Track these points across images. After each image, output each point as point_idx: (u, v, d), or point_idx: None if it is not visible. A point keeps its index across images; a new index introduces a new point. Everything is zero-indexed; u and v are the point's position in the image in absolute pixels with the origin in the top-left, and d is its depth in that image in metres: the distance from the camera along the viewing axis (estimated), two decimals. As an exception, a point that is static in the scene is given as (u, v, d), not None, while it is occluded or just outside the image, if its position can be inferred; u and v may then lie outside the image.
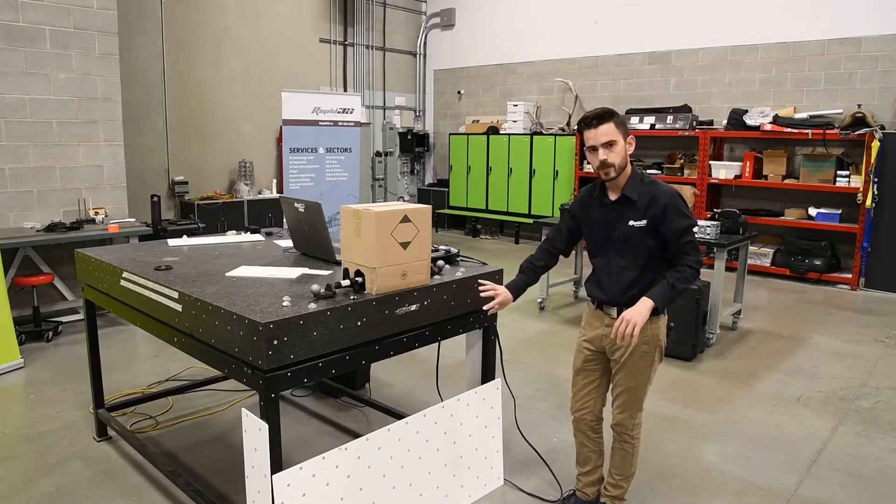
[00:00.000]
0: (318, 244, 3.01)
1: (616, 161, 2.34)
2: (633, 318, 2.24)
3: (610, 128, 2.32)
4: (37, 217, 5.36)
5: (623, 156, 2.35)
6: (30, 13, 5.14)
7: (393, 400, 3.88)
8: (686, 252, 2.34)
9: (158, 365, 4.52)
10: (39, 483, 2.99)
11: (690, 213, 2.39)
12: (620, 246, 2.44)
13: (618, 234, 2.43)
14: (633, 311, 2.27)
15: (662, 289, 2.32)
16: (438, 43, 11.01)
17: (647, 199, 2.36)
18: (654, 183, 2.41)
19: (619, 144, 2.34)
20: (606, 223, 2.46)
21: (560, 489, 2.96)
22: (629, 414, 2.53)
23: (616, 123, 2.34)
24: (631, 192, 2.39)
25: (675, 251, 2.37)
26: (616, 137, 2.33)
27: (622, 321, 2.26)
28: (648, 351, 2.45)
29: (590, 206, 2.53)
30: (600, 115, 2.34)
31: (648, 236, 2.38)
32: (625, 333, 2.24)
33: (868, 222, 6.64)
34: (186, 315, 2.38)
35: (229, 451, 3.33)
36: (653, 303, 2.28)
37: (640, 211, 2.37)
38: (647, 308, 2.28)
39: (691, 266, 2.34)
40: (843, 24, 7.01)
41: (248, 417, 2.15)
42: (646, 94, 8.64)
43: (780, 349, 4.95)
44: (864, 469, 3.19)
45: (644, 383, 2.50)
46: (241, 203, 8.00)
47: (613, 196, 2.45)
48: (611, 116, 2.34)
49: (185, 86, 7.84)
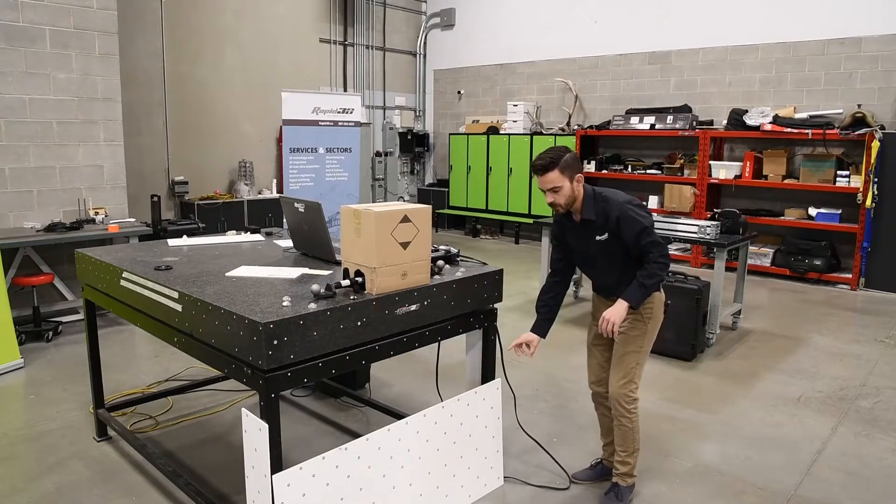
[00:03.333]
0: (318, 244, 3.01)
1: (562, 201, 2.63)
2: (612, 318, 2.60)
3: (555, 175, 2.57)
4: (37, 217, 5.36)
5: (569, 195, 2.61)
6: (30, 13, 5.14)
7: (393, 400, 3.88)
8: (649, 250, 2.59)
9: (158, 365, 4.52)
10: (39, 483, 2.99)
11: (643, 213, 2.63)
12: (598, 257, 2.74)
13: (592, 248, 2.72)
14: (611, 311, 2.61)
15: (633, 288, 2.62)
16: (438, 43, 11.01)
17: (603, 215, 2.63)
18: (605, 199, 2.65)
19: (565, 188, 2.60)
20: (580, 241, 2.76)
21: (568, 478, 2.99)
22: (622, 383, 2.72)
23: (561, 169, 2.56)
24: (588, 214, 2.66)
25: (639, 252, 2.63)
26: (560, 183, 2.58)
27: (603, 320, 2.61)
28: (640, 321, 2.72)
29: (565, 228, 2.80)
30: (545, 165, 2.57)
31: (615, 245, 2.66)
32: (606, 330, 2.60)
33: (868, 222, 6.64)
34: (186, 315, 2.38)
35: (229, 451, 3.33)
36: (626, 303, 2.61)
37: (600, 227, 2.65)
38: (624, 307, 2.60)
39: (656, 261, 2.60)
40: (843, 24, 7.01)
41: (248, 417, 2.15)
42: (646, 94, 8.64)
43: (780, 349, 4.95)
44: (864, 469, 3.19)
45: (636, 351, 2.73)
46: (241, 203, 8.00)
47: (577, 218, 2.72)
48: (555, 164, 2.56)
49: (185, 86, 7.84)
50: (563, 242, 2.86)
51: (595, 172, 8.64)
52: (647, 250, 2.60)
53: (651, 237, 2.60)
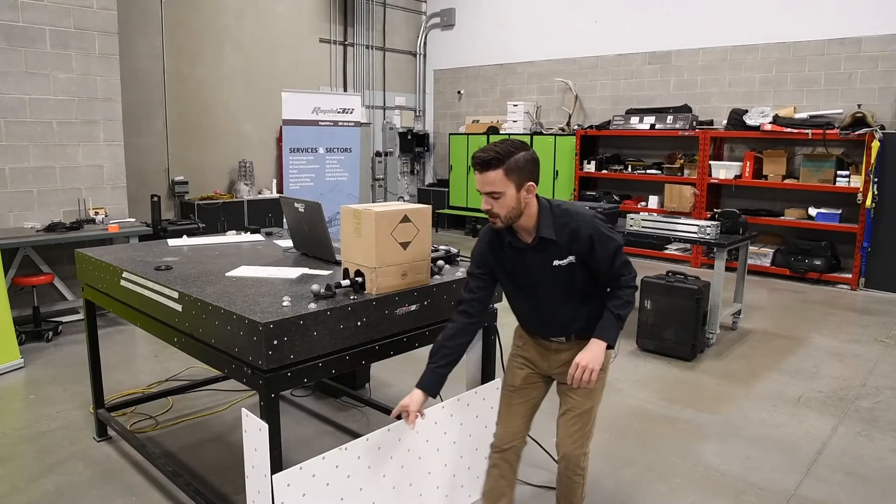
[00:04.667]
0: (318, 244, 3.01)
1: (502, 213, 2.04)
2: (590, 364, 2.09)
3: (497, 176, 1.98)
4: (37, 217, 5.36)
5: (511, 207, 2.03)
6: (30, 13, 5.14)
7: (393, 400, 3.87)
8: (621, 273, 2.15)
9: (158, 365, 4.52)
10: (39, 483, 2.99)
11: (612, 229, 2.18)
12: (547, 289, 2.17)
13: (543, 278, 2.16)
14: (587, 356, 2.10)
15: (609, 323, 2.15)
16: (438, 43, 11.01)
17: (567, 233, 2.09)
18: (566, 212, 2.12)
19: (508, 195, 2.01)
20: (525, 269, 2.17)
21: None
22: (581, 444, 2.26)
23: (507, 170, 1.98)
24: (547, 233, 2.08)
25: (610, 276, 2.16)
26: (503, 188, 1.99)
27: (577, 368, 2.09)
28: (602, 369, 2.22)
29: (502, 252, 2.19)
30: (485, 161, 1.99)
31: (578, 271, 2.14)
32: (582, 379, 2.09)
33: (868, 222, 6.64)
34: (186, 315, 2.38)
35: (229, 451, 3.33)
36: (605, 342, 2.13)
37: (562, 249, 2.10)
38: (602, 350, 2.13)
39: (629, 286, 2.16)
40: (843, 24, 7.01)
41: (248, 417, 2.15)
42: (646, 94, 8.64)
43: (780, 349, 4.95)
44: (864, 469, 3.19)
45: (597, 405, 2.29)
46: (241, 203, 7.99)
47: (527, 238, 2.13)
48: (499, 162, 1.98)
49: (185, 86, 7.84)
50: (489, 271, 2.25)
51: (595, 172, 8.64)
52: (620, 273, 2.14)
53: (624, 257, 2.15)
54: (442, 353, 2.20)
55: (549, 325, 2.26)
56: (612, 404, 3.94)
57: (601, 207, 5.47)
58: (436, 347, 2.23)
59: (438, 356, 2.20)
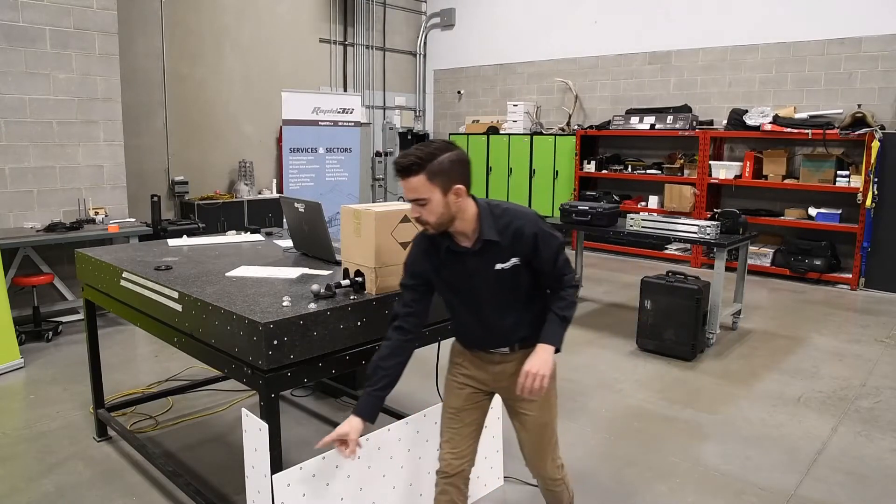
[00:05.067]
0: (318, 244, 3.01)
1: (431, 220, 1.91)
2: (540, 370, 1.96)
3: (419, 182, 1.85)
4: (37, 217, 5.36)
5: (441, 212, 1.89)
6: (30, 13, 5.14)
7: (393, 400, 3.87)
8: (563, 273, 2.04)
9: (158, 365, 4.52)
10: (39, 483, 2.99)
11: (553, 228, 2.05)
12: (491, 295, 2.04)
13: (484, 283, 2.02)
14: (537, 363, 1.97)
15: (555, 326, 2.03)
16: (438, 43, 11.01)
17: (511, 234, 1.96)
18: (507, 211, 1.99)
19: (435, 201, 1.87)
20: (466, 275, 2.03)
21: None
22: (551, 456, 2.19)
23: (430, 175, 1.84)
24: (490, 234, 1.95)
25: (552, 277, 2.05)
26: (427, 194, 1.86)
27: (527, 376, 1.96)
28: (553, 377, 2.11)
29: (438, 259, 2.04)
30: (407, 166, 1.86)
31: (522, 273, 2.02)
32: (533, 388, 1.96)
33: (868, 222, 6.64)
34: (186, 315, 2.38)
35: (229, 451, 3.33)
36: (553, 346, 2.02)
37: (505, 250, 1.98)
38: (551, 355, 2.00)
39: (571, 286, 2.07)
40: (843, 24, 7.01)
41: (248, 417, 2.15)
42: (646, 94, 8.64)
43: (780, 349, 4.95)
44: (864, 469, 3.19)
45: (555, 416, 2.20)
46: (241, 203, 7.99)
47: (466, 242, 1.99)
48: (420, 167, 1.84)
49: (185, 86, 7.84)
50: (425, 281, 2.08)
51: (595, 172, 8.64)
52: (562, 273, 2.03)
53: (565, 255, 2.04)
54: (378, 376, 2.04)
55: (491, 336, 2.12)
56: (612, 404, 3.94)
57: (601, 207, 5.47)
58: (371, 369, 2.05)
59: (375, 378, 2.04)
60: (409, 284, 2.08)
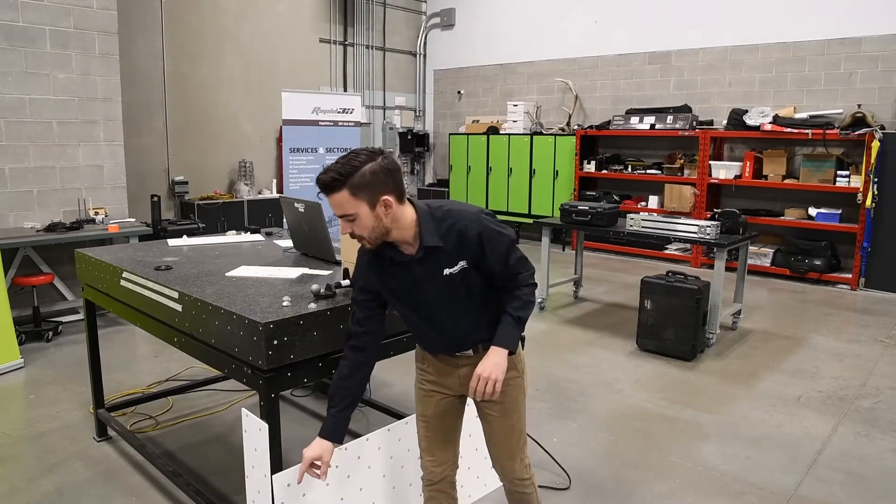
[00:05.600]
0: (318, 244, 3.01)
1: (364, 233, 1.83)
2: (493, 374, 1.89)
3: (343, 198, 1.77)
4: (37, 217, 5.36)
5: (372, 226, 1.81)
6: (30, 13, 5.14)
7: (393, 400, 3.88)
8: (517, 271, 1.95)
9: (158, 365, 4.52)
10: (39, 483, 2.99)
11: (502, 224, 1.94)
12: (443, 301, 1.95)
13: (434, 290, 1.93)
14: (489, 366, 1.90)
15: (509, 328, 1.95)
16: (438, 43, 11.01)
17: (454, 236, 1.86)
18: (449, 212, 1.89)
19: (363, 215, 1.78)
20: (414, 283, 1.93)
21: (568, 479, 2.98)
22: (518, 458, 2.13)
23: (352, 189, 1.75)
24: (432, 240, 1.85)
25: (506, 276, 1.95)
26: (354, 209, 1.78)
27: (478, 380, 1.89)
28: (518, 376, 2.08)
29: (382, 270, 1.95)
30: (328, 183, 1.76)
31: (473, 276, 1.93)
32: (485, 391, 1.90)
33: (868, 222, 6.64)
34: (186, 315, 2.38)
35: (229, 451, 3.33)
36: (507, 350, 1.94)
37: (451, 253, 1.88)
38: (503, 358, 1.92)
39: (527, 283, 1.97)
40: (843, 24, 7.01)
41: (248, 417, 2.15)
42: (646, 94, 8.64)
43: (780, 349, 4.95)
44: (864, 469, 3.19)
45: (523, 415, 2.13)
46: (241, 203, 7.99)
47: (409, 250, 1.90)
48: (341, 183, 1.75)
49: (185, 86, 7.84)
50: (374, 295, 2.00)
51: (595, 172, 8.64)
52: (516, 271, 1.94)
53: (518, 253, 1.94)
54: (340, 396, 1.98)
55: (451, 341, 2.03)
56: (612, 404, 3.94)
57: (601, 207, 5.48)
58: (333, 390, 2.00)
59: (337, 399, 1.99)
60: (359, 300, 2.00)
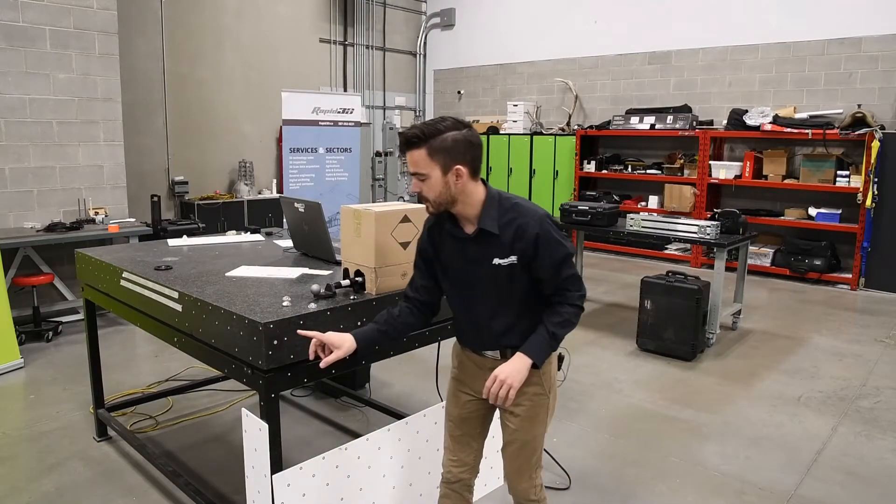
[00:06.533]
0: (318, 244, 3.01)
1: (430, 196, 1.86)
2: (509, 379, 1.86)
3: (419, 156, 1.81)
4: (37, 217, 5.36)
5: (440, 191, 1.84)
6: (30, 13, 5.14)
7: (393, 400, 3.88)
8: (566, 288, 1.92)
9: (158, 365, 4.52)
10: (39, 483, 2.99)
11: (565, 235, 1.93)
12: (486, 290, 1.95)
13: (480, 276, 1.93)
14: (507, 369, 1.88)
15: (541, 340, 1.91)
16: (438, 43, 11.01)
17: (513, 229, 1.87)
18: (516, 206, 1.91)
19: (433, 178, 1.82)
20: (464, 263, 1.95)
21: (568, 479, 2.98)
22: (528, 476, 2.07)
23: (430, 151, 1.80)
24: (489, 224, 1.87)
25: (552, 288, 1.92)
26: (428, 170, 1.81)
27: (495, 381, 1.87)
28: (542, 392, 2.02)
29: (441, 241, 1.99)
30: (409, 139, 1.82)
31: (519, 275, 1.91)
32: (498, 395, 1.87)
33: (868, 222, 6.64)
34: (186, 315, 2.38)
35: (229, 451, 3.33)
36: (530, 360, 1.90)
37: (504, 246, 1.88)
38: (525, 366, 1.89)
39: (574, 304, 1.93)
40: (843, 24, 7.01)
41: (248, 417, 2.15)
42: (646, 94, 8.64)
43: (780, 349, 4.95)
44: (864, 469, 3.19)
45: (541, 434, 2.06)
46: (241, 203, 7.99)
47: (469, 229, 1.92)
48: (421, 141, 1.80)
49: (185, 86, 7.84)
50: (431, 263, 2.04)
51: (595, 172, 8.64)
52: (565, 287, 1.91)
53: (572, 269, 1.92)
54: (383, 318, 2.06)
55: (482, 335, 2.02)
56: (612, 404, 3.94)
57: (601, 207, 5.48)
58: (380, 315, 2.09)
59: (380, 318, 2.07)
60: (418, 262, 2.09)
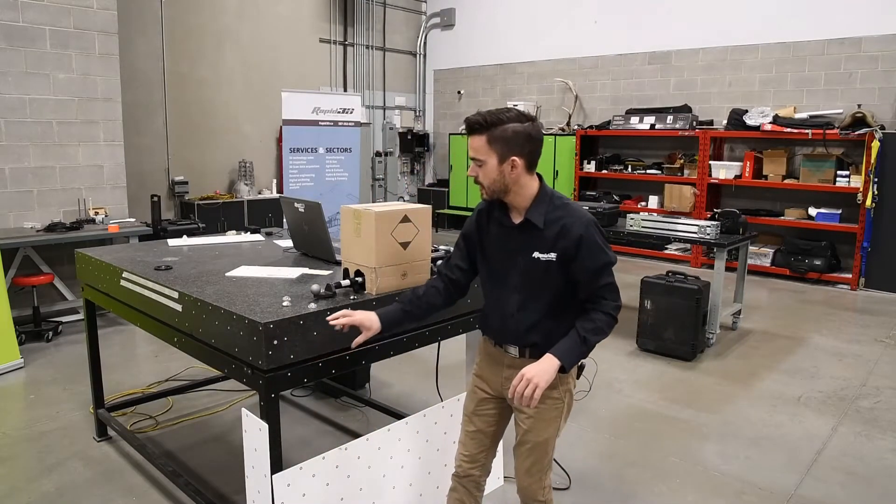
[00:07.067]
0: (318, 244, 3.01)
1: (485, 182, 1.93)
2: (536, 379, 1.84)
3: (479, 142, 1.89)
4: (37, 217, 5.36)
5: (494, 178, 1.91)
6: (30, 13, 5.14)
7: (393, 400, 3.88)
8: (602, 296, 1.93)
9: (158, 365, 4.52)
10: (39, 483, 2.99)
11: (608, 245, 1.95)
12: (520, 282, 1.98)
13: (518, 266, 1.97)
14: (535, 369, 1.86)
15: (572, 343, 1.91)
16: (438, 43, 11.01)
17: (557, 227, 1.91)
18: (566, 206, 1.95)
19: (489, 165, 1.89)
20: (505, 251, 2.00)
21: (568, 479, 2.98)
22: (538, 477, 2.08)
23: (492, 139, 1.87)
24: (536, 217, 1.93)
25: (588, 293, 1.95)
26: (485, 157, 1.89)
27: (522, 379, 1.86)
28: (559, 397, 2.03)
29: (487, 227, 2.05)
30: (472, 124, 1.90)
31: (556, 273, 1.93)
32: (524, 394, 1.86)
33: (868, 222, 6.64)
34: (186, 315, 2.38)
35: (229, 451, 3.33)
36: (559, 362, 1.89)
37: (547, 241, 1.92)
38: (553, 368, 1.88)
39: (608, 312, 1.93)
40: (843, 24, 7.01)
41: (248, 417, 2.15)
42: (646, 94, 8.64)
43: (780, 349, 4.95)
44: (864, 469, 3.19)
45: (553, 436, 2.07)
46: (241, 203, 7.99)
47: (517, 219, 1.98)
48: (483, 128, 1.88)
49: (185, 86, 7.84)
50: (472, 247, 2.11)
51: (595, 172, 8.64)
52: (601, 295, 1.93)
53: (611, 278, 1.94)
54: (408, 298, 2.12)
55: (507, 326, 2.03)
56: (612, 404, 3.94)
57: (601, 207, 5.47)
58: (405, 294, 2.15)
59: (404, 297, 2.13)
60: (458, 243, 2.15)
